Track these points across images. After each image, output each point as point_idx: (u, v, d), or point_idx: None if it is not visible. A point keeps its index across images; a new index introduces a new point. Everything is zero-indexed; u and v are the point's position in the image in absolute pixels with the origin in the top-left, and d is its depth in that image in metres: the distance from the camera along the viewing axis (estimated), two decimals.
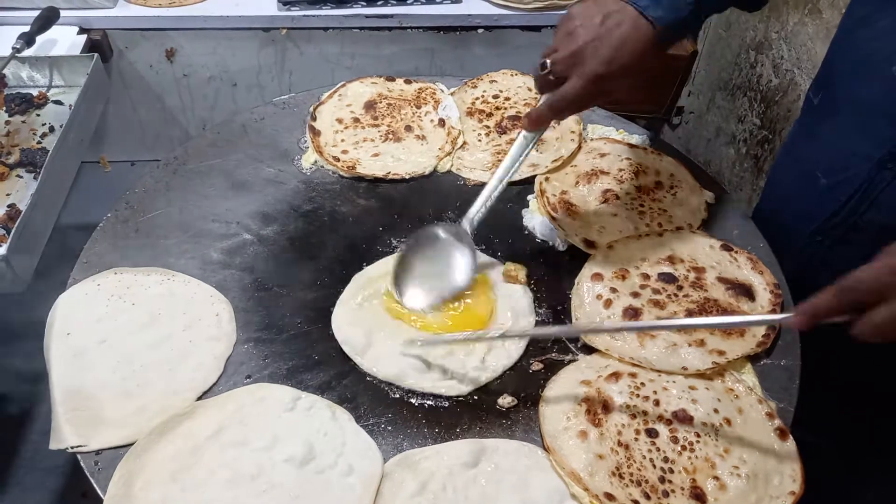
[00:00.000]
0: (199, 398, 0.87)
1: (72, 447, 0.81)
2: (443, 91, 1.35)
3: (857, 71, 0.98)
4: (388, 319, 0.97)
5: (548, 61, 0.91)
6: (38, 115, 1.38)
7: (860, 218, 1.00)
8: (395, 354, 0.92)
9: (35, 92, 1.41)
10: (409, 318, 0.96)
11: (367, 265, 1.05)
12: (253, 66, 1.75)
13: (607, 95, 0.92)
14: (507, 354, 0.94)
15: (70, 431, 0.82)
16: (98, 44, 1.60)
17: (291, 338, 0.95)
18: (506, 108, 1.32)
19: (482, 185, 1.19)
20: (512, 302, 1.00)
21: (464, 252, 0.97)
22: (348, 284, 1.01)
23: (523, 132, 0.98)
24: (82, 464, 0.80)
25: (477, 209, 0.99)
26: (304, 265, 1.05)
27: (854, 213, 1.00)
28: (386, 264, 1.03)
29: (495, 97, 1.35)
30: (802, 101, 1.76)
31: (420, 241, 0.99)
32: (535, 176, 1.19)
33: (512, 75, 1.40)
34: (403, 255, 0.98)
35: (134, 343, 0.91)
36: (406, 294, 0.96)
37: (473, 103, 1.34)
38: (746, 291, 0.99)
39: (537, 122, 0.96)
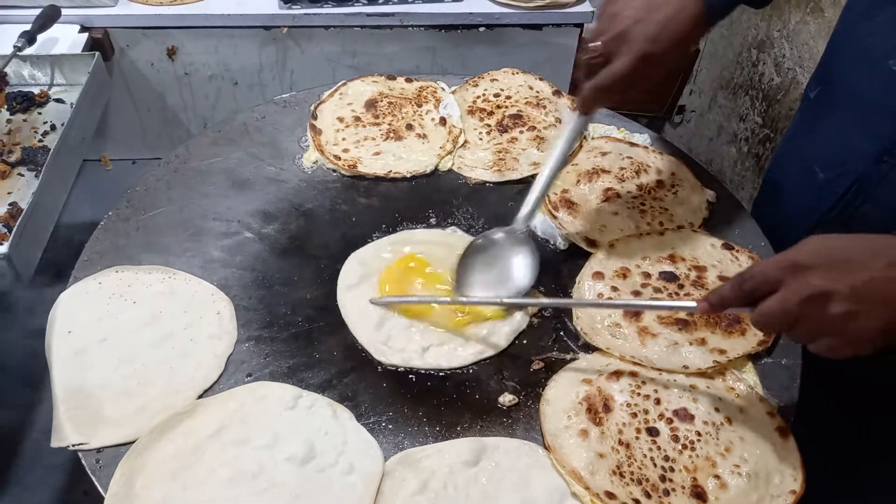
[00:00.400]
0: (200, 397, 0.87)
1: (73, 445, 0.81)
2: (444, 90, 1.35)
3: (855, 66, 0.98)
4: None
5: (593, 44, 0.90)
6: (40, 114, 1.38)
7: (856, 211, 1.00)
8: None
9: (36, 90, 1.41)
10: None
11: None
12: (254, 64, 1.75)
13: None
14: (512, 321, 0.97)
15: (71, 429, 0.82)
16: (99, 42, 1.60)
17: (292, 336, 0.95)
18: (507, 107, 1.32)
19: (483, 183, 1.20)
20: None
21: (524, 253, 1.00)
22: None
23: (572, 120, 0.99)
24: (83, 462, 0.80)
25: (530, 207, 1.00)
26: (306, 263, 1.05)
27: (850, 207, 1.00)
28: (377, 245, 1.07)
29: (496, 96, 1.35)
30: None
31: (478, 246, 1.01)
32: (536, 175, 1.19)
33: (513, 74, 1.40)
34: (462, 260, 1.00)
35: (135, 341, 0.91)
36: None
37: (474, 102, 1.34)
38: None
39: (587, 106, 0.95)
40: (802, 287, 0.68)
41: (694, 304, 0.79)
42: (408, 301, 0.99)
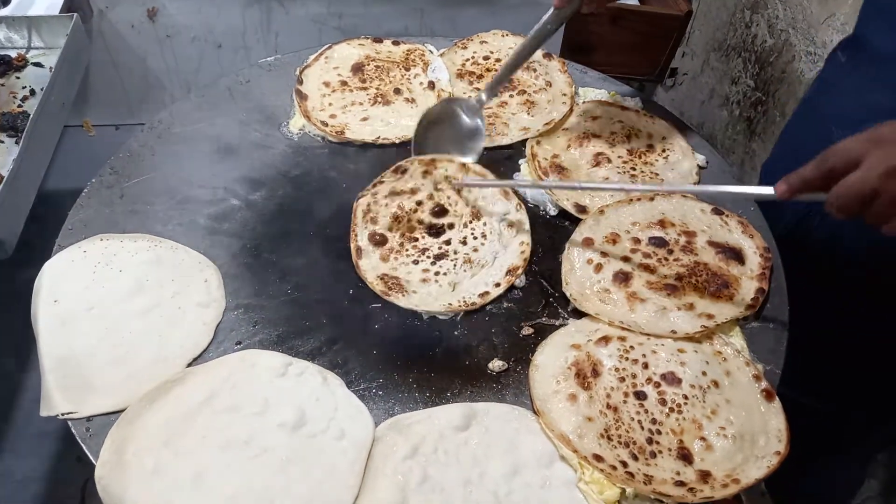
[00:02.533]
0: (190, 365, 0.87)
1: (62, 414, 0.81)
2: (432, 52, 1.32)
3: (880, 23, 0.98)
4: None
5: None
6: (18, 78, 1.34)
7: None
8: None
9: (13, 54, 1.37)
10: None
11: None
12: (238, 26, 1.71)
13: None
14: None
15: (60, 398, 0.82)
16: (77, 3, 1.55)
17: (281, 304, 0.95)
18: (496, 70, 1.30)
19: None
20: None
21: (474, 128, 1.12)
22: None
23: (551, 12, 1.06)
24: (73, 430, 0.80)
25: (495, 81, 1.10)
26: (293, 231, 1.04)
27: None
28: None
29: (486, 58, 1.33)
30: (797, 62, 1.75)
31: (437, 114, 1.12)
32: (526, 139, 1.18)
33: (503, 36, 1.37)
34: (421, 126, 1.11)
35: (122, 310, 0.91)
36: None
37: (463, 65, 1.32)
38: (736, 255, 0.99)
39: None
40: (884, 159, 0.68)
41: (771, 190, 0.78)
42: (492, 184, 1.07)
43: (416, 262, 1.00)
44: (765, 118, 1.93)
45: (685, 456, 0.80)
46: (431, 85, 1.25)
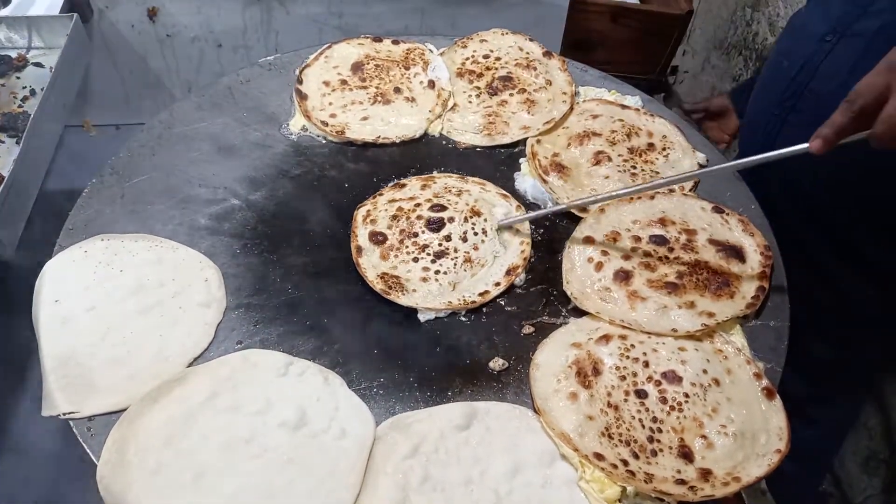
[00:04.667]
0: (191, 364, 0.87)
1: (64, 414, 0.81)
2: (432, 51, 1.32)
3: None
4: None
5: None
6: (18, 78, 1.34)
7: (805, 90, 1.13)
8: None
9: (14, 54, 1.37)
10: None
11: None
12: (238, 25, 1.70)
13: None
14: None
15: (62, 398, 0.82)
16: (78, 3, 1.55)
17: (282, 303, 0.95)
18: (496, 69, 1.30)
19: (473, 147, 1.19)
20: None
21: None
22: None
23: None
24: (75, 430, 0.80)
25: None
26: (294, 230, 1.04)
27: (800, 87, 1.15)
28: None
29: (486, 57, 1.33)
30: None
31: None
32: (526, 138, 1.18)
33: (503, 34, 1.37)
34: None
35: (123, 310, 0.91)
36: None
37: (464, 64, 1.32)
38: (737, 253, 0.99)
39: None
40: None
41: (806, 145, 0.80)
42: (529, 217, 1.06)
43: (416, 260, 1.00)
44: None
45: (686, 454, 0.80)
46: (431, 84, 1.25)
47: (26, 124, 1.18)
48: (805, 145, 0.81)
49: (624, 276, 0.96)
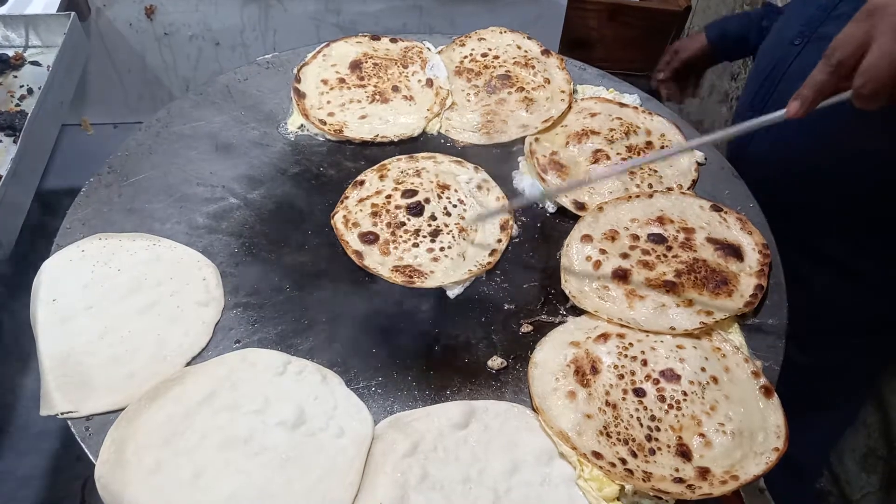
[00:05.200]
0: (189, 364, 0.87)
1: (62, 413, 0.81)
2: (430, 50, 1.32)
3: None
4: None
5: None
6: (16, 77, 1.34)
7: (774, 90, 1.18)
8: None
9: (11, 52, 1.37)
10: None
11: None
12: (236, 24, 1.70)
13: None
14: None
15: (60, 397, 0.82)
16: (75, 1, 1.54)
17: (280, 302, 0.95)
18: (495, 67, 1.30)
19: (472, 146, 1.19)
20: None
21: None
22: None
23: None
24: (73, 430, 0.80)
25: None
26: (292, 229, 1.04)
27: (771, 89, 1.18)
28: None
29: (484, 56, 1.32)
30: None
31: None
32: (525, 137, 1.18)
33: (501, 33, 1.37)
34: None
35: (121, 309, 0.91)
36: None
37: (462, 62, 1.32)
38: (735, 252, 0.99)
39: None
40: (890, 21, 0.66)
41: (782, 112, 0.75)
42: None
43: (416, 246, 1.01)
44: None
45: (684, 452, 0.80)
46: (430, 82, 1.25)
47: (24, 123, 1.17)
48: (782, 111, 0.75)
49: (622, 275, 0.96)
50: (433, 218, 1.04)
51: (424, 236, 1.02)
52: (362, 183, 1.10)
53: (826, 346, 1.27)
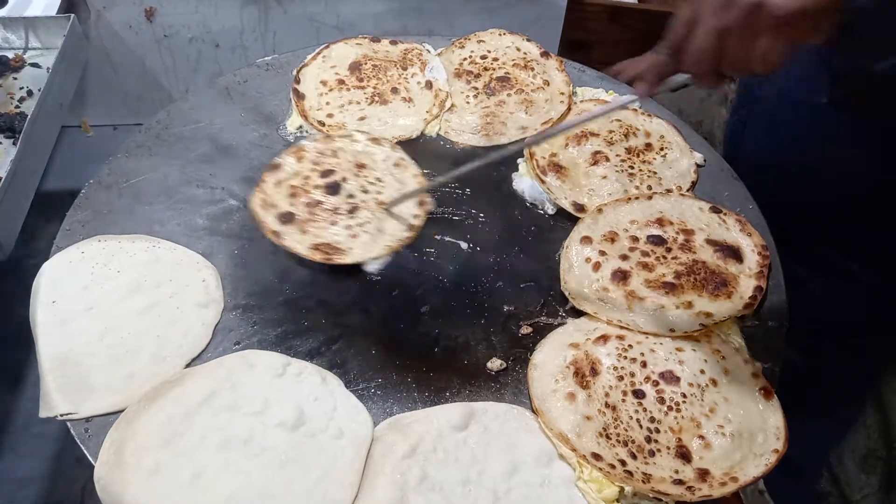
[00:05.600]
0: (188, 365, 0.87)
1: (61, 414, 0.81)
2: (429, 52, 1.32)
3: None
4: None
5: None
6: (16, 79, 1.34)
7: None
8: None
9: (11, 54, 1.37)
10: None
11: None
12: (235, 25, 1.70)
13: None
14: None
15: (59, 399, 0.82)
16: (75, 3, 1.55)
17: (280, 304, 0.95)
18: (494, 69, 1.30)
19: (472, 148, 1.19)
20: None
21: None
22: None
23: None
24: (72, 431, 0.80)
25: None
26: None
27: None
28: None
29: (483, 58, 1.32)
30: None
31: None
32: (524, 138, 1.18)
33: (500, 35, 1.37)
34: None
35: (121, 310, 0.91)
36: None
37: (461, 64, 1.32)
38: (734, 253, 0.99)
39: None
40: (712, 3, 0.68)
41: (634, 97, 0.81)
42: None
43: (334, 224, 1.04)
44: None
45: (684, 454, 0.80)
46: (429, 84, 1.25)
47: (23, 125, 1.17)
48: (633, 97, 0.80)
49: (622, 277, 0.97)
50: (351, 196, 1.07)
51: (342, 214, 1.04)
52: (279, 166, 1.11)
53: (826, 346, 1.28)
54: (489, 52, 1.33)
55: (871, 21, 0.69)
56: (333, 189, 1.07)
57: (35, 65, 1.37)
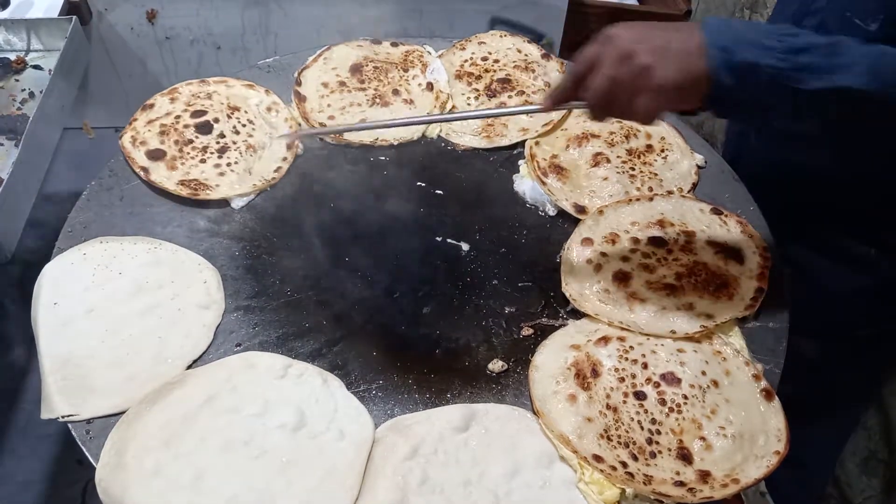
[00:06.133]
0: (189, 367, 0.87)
1: (63, 416, 0.81)
2: (430, 54, 1.32)
3: None
4: None
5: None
6: (17, 81, 1.35)
7: None
8: None
9: (13, 56, 1.38)
10: None
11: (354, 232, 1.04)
12: (237, 27, 1.71)
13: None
14: None
15: (61, 401, 0.82)
16: (76, 6, 1.55)
17: (281, 305, 0.95)
18: (495, 71, 1.30)
19: (473, 149, 1.19)
20: None
21: None
22: None
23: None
24: (73, 433, 0.80)
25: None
26: (293, 232, 1.04)
27: None
28: None
29: (484, 59, 1.33)
30: None
31: None
32: (525, 140, 1.18)
33: (501, 37, 1.37)
34: None
35: (122, 312, 0.91)
36: None
37: (462, 66, 1.32)
38: (735, 254, 0.99)
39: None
40: (614, 50, 0.77)
41: (539, 105, 0.88)
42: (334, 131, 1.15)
43: (203, 161, 1.07)
44: None
45: (685, 456, 0.80)
46: (430, 86, 1.25)
47: (25, 127, 1.18)
48: (539, 106, 0.88)
49: (623, 278, 0.97)
50: (221, 136, 1.10)
51: (212, 153, 1.08)
52: (152, 105, 1.14)
53: (829, 345, 1.27)
54: (490, 53, 1.34)
55: (735, 94, 0.76)
56: (205, 129, 1.10)
57: (37, 67, 1.37)
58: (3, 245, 1.07)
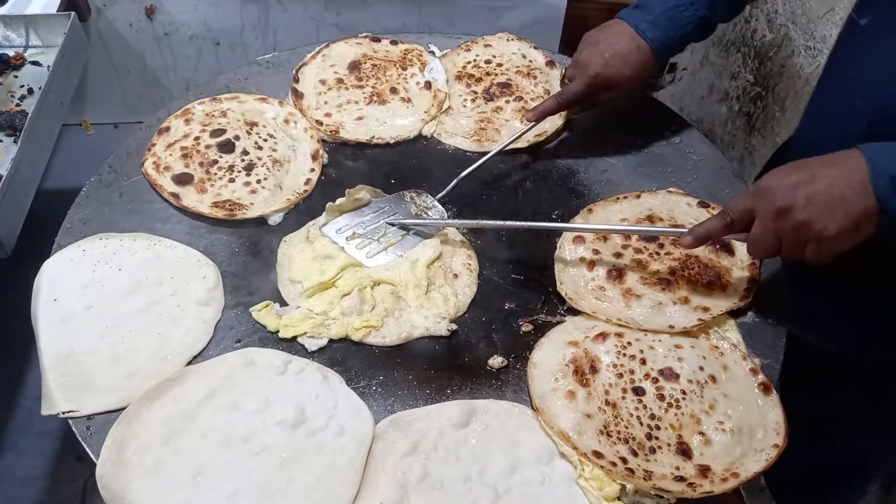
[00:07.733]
0: (189, 363, 0.87)
1: (63, 412, 0.81)
2: (433, 53, 1.32)
3: None
4: None
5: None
6: (16, 77, 1.34)
7: (886, 134, 0.88)
8: None
9: (11, 52, 1.37)
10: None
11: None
12: (236, 23, 1.71)
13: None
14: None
15: (61, 397, 0.82)
16: (75, 1, 1.55)
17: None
18: (496, 74, 1.28)
19: (463, 152, 1.18)
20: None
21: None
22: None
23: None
24: (74, 429, 0.80)
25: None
26: (293, 229, 1.04)
27: (881, 129, 0.89)
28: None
29: (487, 62, 1.31)
30: (796, 56, 1.75)
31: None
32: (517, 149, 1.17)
33: (508, 40, 1.35)
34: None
35: (122, 308, 0.91)
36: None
37: (464, 67, 1.30)
38: (726, 247, 0.99)
39: (542, 114, 1.12)
40: (770, 206, 0.78)
41: (685, 229, 0.89)
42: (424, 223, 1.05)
43: (232, 181, 1.06)
44: (764, 113, 1.93)
45: (684, 451, 0.80)
46: (428, 85, 1.25)
47: (24, 123, 1.18)
48: (685, 229, 0.89)
49: (617, 275, 0.97)
50: (245, 153, 1.09)
51: (239, 171, 1.07)
52: (168, 129, 1.13)
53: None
54: (494, 56, 1.32)
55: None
56: (228, 147, 1.08)
57: (36, 63, 1.37)
58: (2, 241, 1.07)
